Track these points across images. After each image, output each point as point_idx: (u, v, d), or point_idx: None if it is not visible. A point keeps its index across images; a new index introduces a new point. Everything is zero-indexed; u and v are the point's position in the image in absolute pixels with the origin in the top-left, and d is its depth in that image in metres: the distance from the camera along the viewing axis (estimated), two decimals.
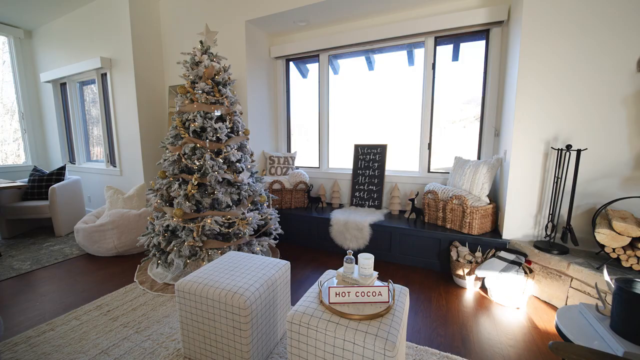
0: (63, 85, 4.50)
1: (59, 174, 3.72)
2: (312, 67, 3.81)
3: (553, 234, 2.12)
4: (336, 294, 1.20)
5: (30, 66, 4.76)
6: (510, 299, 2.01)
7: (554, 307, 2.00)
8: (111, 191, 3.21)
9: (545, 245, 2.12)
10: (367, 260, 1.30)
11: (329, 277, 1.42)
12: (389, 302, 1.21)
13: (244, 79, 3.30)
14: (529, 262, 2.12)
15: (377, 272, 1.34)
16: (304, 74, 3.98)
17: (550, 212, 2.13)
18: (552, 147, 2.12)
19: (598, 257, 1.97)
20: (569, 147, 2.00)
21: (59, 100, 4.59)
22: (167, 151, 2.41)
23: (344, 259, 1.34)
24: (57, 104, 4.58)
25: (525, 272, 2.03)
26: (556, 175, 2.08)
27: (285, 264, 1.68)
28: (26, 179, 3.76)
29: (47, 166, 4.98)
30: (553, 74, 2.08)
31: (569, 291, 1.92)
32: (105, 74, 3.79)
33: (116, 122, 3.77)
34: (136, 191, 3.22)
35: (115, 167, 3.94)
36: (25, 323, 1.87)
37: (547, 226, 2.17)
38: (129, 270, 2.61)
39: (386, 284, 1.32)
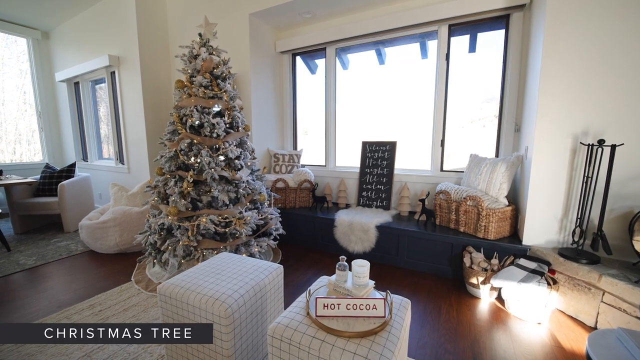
0: (77, 84, 4.59)
1: (69, 171, 3.78)
2: (321, 63, 3.67)
3: (581, 241, 1.88)
4: (324, 306, 1.06)
5: (47, 66, 4.89)
6: (530, 313, 1.79)
7: (582, 324, 1.77)
8: (116, 188, 3.20)
9: (572, 253, 1.88)
10: (362, 267, 1.14)
11: (321, 285, 1.27)
12: (384, 317, 1.05)
13: (248, 74, 3.21)
14: (552, 271, 1.89)
15: (373, 282, 1.19)
16: (312, 70, 3.85)
17: (579, 216, 1.89)
18: (581, 143, 1.88)
19: (636, 269, 1.72)
20: (601, 142, 1.76)
21: (73, 99, 4.69)
22: (165, 147, 2.35)
23: (337, 266, 1.19)
24: (71, 103, 4.68)
25: (549, 283, 1.81)
26: (586, 174, 1.84)
27: (278, 268, 1.55)
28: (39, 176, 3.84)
29: (63, 163, 5.10)
30: (582, 60, 1.84)
31: (600, 307, 1.68)
32: (114, 72, 3.81)
33: (124, 119, 3.78)
34: (140, 189, 3.19)
35: (124, 164, 3.96)
36: (19, 320, 1.85)
37: (574, 231, 1.93)
38: (128, 269, 2.57)
39: (383, 295, 1.17)
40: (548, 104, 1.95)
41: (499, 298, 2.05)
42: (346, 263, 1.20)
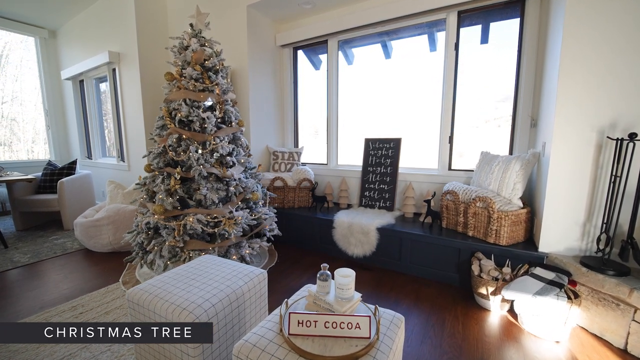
0: (81, 82, 4.60)
1: (70, 168, 3.76)
2: (325, 58, 3.51)
3: (608, 249, 1.65)
4: (299, 323, 0.91)
5: (54, 64, 4.93)
6: (547, 330, 1.59)
7: (608, 345, 1.55)
8: (112, 186, 3.14)
9: (596, 263, 1.66)
10: (346, 278, 0.99)
11: (301, 297, 1.12)
12: (369, 337, 0.89)
13: (246, 68, 3.09)
14: (573, 283, 1.67)
15: (360, 294, 1.03)
16: (316, 66, 3.70)
17: (605, 221, 1.67)
18: (608, 137, 1.66)
19: None
20: (632, 136, 1.53)
21: (78, 97, 4.71)
22: (155, 143, 2.25)
23: (317, 275, 1.04)
24: (77, 101, 4.70)
25: (569, 297, 1.59)
26: (614, 173, 1.61)
27: (260, 274, 1.41)
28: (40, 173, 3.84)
29: (69, 161, 5.14)
30: (608, 42, 1.62)
31: (630, 325, 1.46)
32: (115, 69, 3.77)
33: (124, 116, 3.73)
34: (134, 186, 3.12)
35: (124, 162, 3.92)
36: None
37: (599, 238, 1.70)
38: (119, 268, 2.49)
39: (370, 312, 1.01)
40: (569, 94, 1.73)
41: (511, 311, 1.84)
42: (329, 272, 1.05)
